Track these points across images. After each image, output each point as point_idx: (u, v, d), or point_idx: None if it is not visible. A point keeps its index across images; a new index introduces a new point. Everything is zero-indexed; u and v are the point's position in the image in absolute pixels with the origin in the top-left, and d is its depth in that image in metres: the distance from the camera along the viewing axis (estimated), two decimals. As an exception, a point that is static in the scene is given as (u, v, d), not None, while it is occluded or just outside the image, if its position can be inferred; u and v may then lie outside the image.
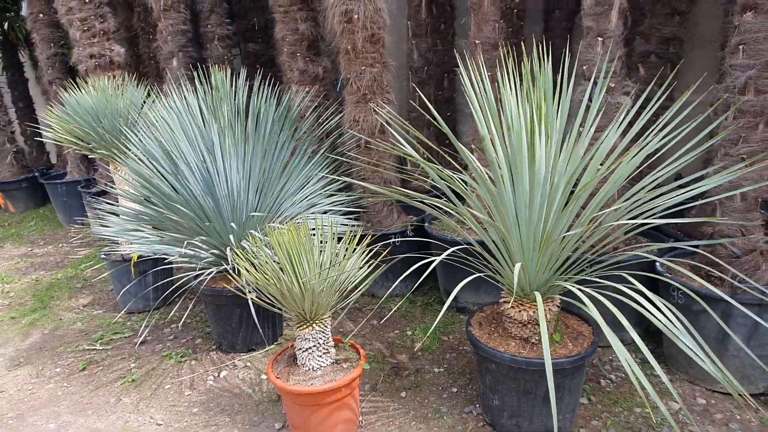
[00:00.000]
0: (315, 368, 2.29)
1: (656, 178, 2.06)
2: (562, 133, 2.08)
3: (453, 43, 4.41)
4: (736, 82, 2.32)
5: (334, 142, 3.41)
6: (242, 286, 2.77)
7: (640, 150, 2.01)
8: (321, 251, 2.31)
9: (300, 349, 2.31)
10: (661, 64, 3.36)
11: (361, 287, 2.31)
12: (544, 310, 2.15)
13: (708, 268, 2.50)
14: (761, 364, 2.36)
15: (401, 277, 2.17)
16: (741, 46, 2.30)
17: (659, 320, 1.66)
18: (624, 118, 2.24)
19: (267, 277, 2.21)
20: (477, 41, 3.11)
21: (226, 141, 2.86)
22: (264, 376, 2.89)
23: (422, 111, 4.21)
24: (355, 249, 2.33)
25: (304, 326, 2.28)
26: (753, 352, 2.35)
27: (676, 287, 2.47)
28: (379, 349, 3.07)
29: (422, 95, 3.74)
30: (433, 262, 2.12)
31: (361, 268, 2.34)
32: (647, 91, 2.55)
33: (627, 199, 2.06)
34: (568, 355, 2.10)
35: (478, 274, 2.17)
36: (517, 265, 1.76)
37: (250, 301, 2.67)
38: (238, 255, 2.40)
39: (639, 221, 1.89)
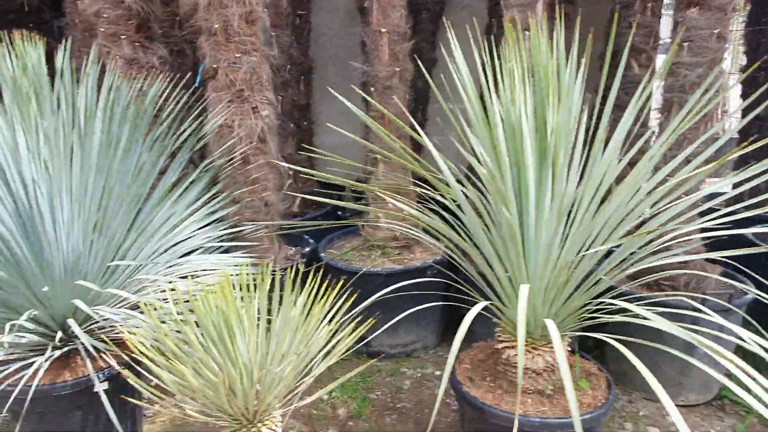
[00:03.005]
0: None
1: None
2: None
3: (309, 40, 3.80)
4: (685, 81, 2.24)
5: (203, 154, 2.51)
6: (91, 373, 1.75)
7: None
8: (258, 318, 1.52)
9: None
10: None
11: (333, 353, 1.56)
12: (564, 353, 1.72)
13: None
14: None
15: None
16: (686, 44, 2.23)
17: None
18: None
19: (181, 363, 1.34)
20: (383, 29, 2.58)
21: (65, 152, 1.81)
22: None
23: (284, 119, 3.50)
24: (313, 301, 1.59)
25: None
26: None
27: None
28: (294, 428, 2.30)
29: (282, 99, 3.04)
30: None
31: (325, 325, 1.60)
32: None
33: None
34: (596, 404, 1.70)
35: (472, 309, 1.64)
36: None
37: (103, 395, 1.73)
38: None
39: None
